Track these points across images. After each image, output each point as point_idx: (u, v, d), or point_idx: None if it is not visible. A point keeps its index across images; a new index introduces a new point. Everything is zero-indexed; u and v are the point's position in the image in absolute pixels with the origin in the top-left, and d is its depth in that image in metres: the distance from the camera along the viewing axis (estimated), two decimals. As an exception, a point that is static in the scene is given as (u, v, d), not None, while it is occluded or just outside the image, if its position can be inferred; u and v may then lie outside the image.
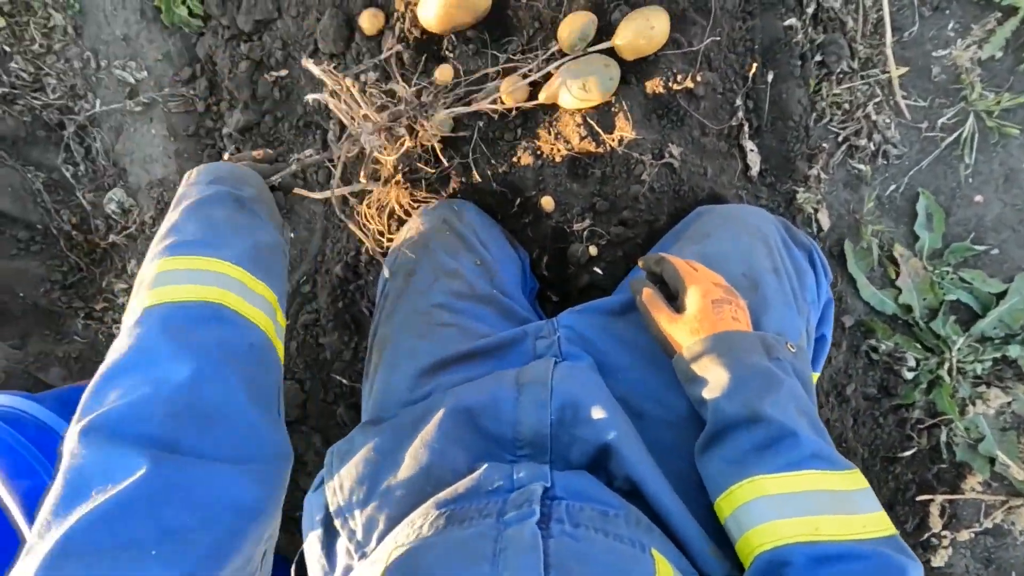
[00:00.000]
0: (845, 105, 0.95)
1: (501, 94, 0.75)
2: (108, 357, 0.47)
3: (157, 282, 0.51)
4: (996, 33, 0.92)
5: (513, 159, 0.81)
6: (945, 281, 0.96)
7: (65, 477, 0.41)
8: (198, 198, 0.58)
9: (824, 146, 0.95)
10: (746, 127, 0.88)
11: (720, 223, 0.71)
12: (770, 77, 0.89)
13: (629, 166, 0.77)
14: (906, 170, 0.97)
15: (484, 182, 0.82)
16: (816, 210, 0.96)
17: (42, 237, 1.13)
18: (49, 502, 0.40)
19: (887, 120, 0.95)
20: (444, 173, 0.83)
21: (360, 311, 1.00)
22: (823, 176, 0.95)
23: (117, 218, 1.14)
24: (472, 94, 0.78)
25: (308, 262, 1.03)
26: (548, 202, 0.81)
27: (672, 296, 0.61)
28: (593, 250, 0.81)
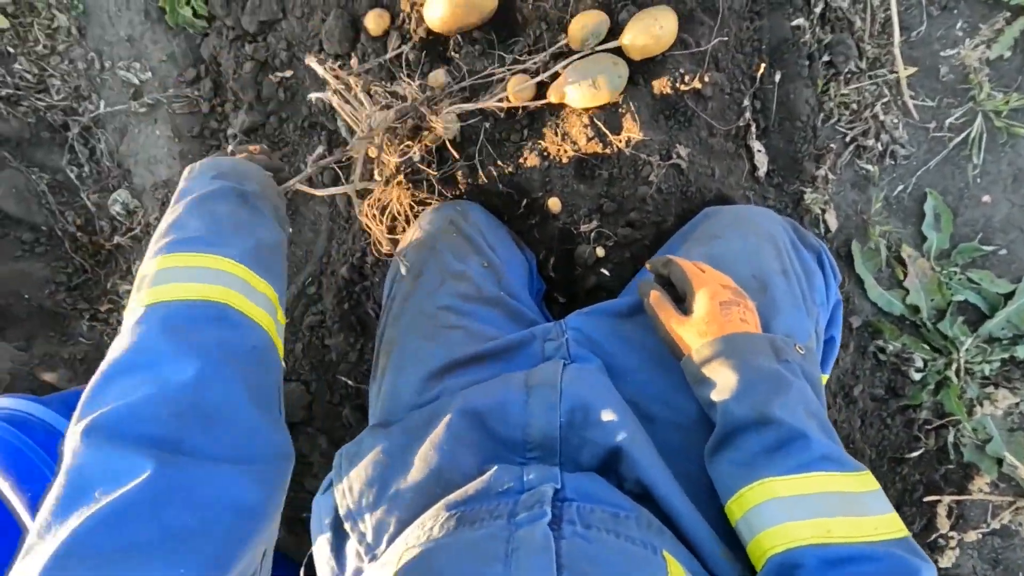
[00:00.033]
0: (853, 105, 0.95)
1: (508, 93, 0.75)
2: (109, 355, 0.47)
3: (159, 279, 0.50)
4: (1005, 33, 0.91)
5: (520, 160, 0.81)
6: (953, 282, 0.96)
7: (67, 477, 0.40)
8: (201, 193, 0.58)
9: (832, 146, 0.95)
10: (753, 127, 0.87)
11: (728, 224, 0.70)
12: (777, 77, 0.89)
13: (636, 167, 0.77)
14: (914, 170, 0.97)
15: (490, 183, 0.82)
16: (823, 211, 0.95)
17: (47, 239, 1.13)
18: (50, 502, 0.40)
19: (895, 120, 0.95)
20: (449, 174, 0.83)
21: (366, 312, 0.99)
22: (830, 176, 0.94)
23: (122, 219, 1.14)
24: (479, 94, 0.77)
25: (313, 263, 1.03)
26: (555, 203, 0.80)
27: (680, 298, 0.60)
28: (600, 251, 0.80)
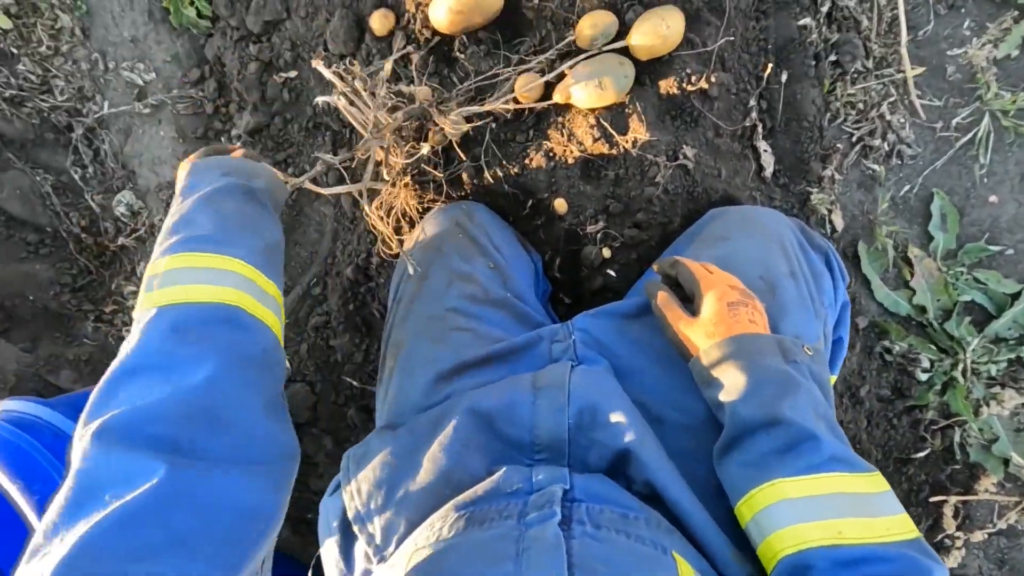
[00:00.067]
0: (859, 105, 0.95)
1: (515, 93, 0.75)
2: (120, 356, 0.47)
3: (170, 280, 0.50)
4: (1012, 32, 0.91)
5: (525, 161, 0.80)
6: (959, 282, 0.96)
7: (76, 480, 0.40)
8: (209, 189, 0.57)
9: (838, 146, 0.94)
10: (760, 128, 0.87)
11: (735, 226, 0.70)
12: (784, 77, 0.88)
13: (643, 168, 0.77)
14: (920, 170, 0.97)
15: (496, 183, 0.82)
16: (830, 211, 0.95)
17: (51, 240, 1.13)
18: (58, 504, 0.39)
19: (901, 120, 0.94)
20: (455, 175, 0.83)
21: (371, 313, 0.99)
22: (837, 177, 0.94)
23: (126, 220, 1.14)
24: (484, 95, 0.77)
25: (318, 264, 1.03)
26: (561, 204, 0.80)
27: (687, 299, 0.60)
28: (606, 252, 0.80)
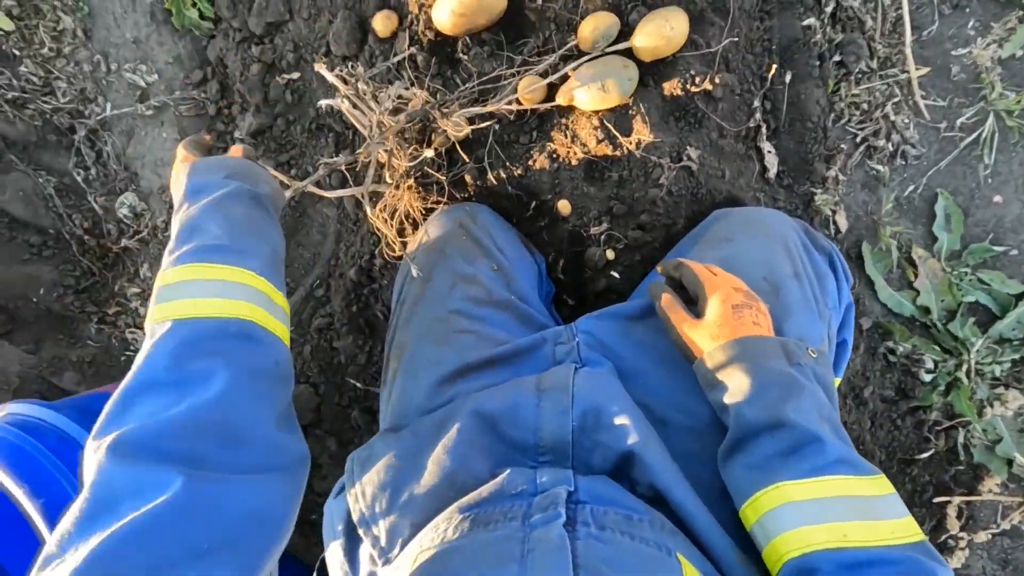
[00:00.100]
0: (863, 105, 0.94)
1: (519, 95, 0.75)
2: (133, 369, 0.47)
3: (182, 292, 0.51)
4: (1017, 31, 0.90)
5: (529, 162, 0.80)
6: (963, 282, 0.95)
7: (91, 492, 0.41)
8: (219, 194, 0.57)
9: (842, 147, 0.94)
10: (764, 129, 0.87)
11: (739, 227, 0.70)
12: (788, 78, 0.88)
13: (647, 169, 0.77)
14: (924, 171, 0.96)
15: (499, 185, 0.82)
16: (834, 212, 0.95)
17: (54, 242, 1.13)
18: (72, 515, 0.40)
19: (906, 120, 0.94)
20: (458, 176, 0.83)
21: (374, 315, 0.99)
22: (841, 177, 0.94)
23: (129, 222, 1.14)
24: (487, 96, 0.77)
25: (322, 266, 1.03)
26: (564, 206, 0.80)
27: (691, 301, 0.60)
28: (610, 254, 0.80)
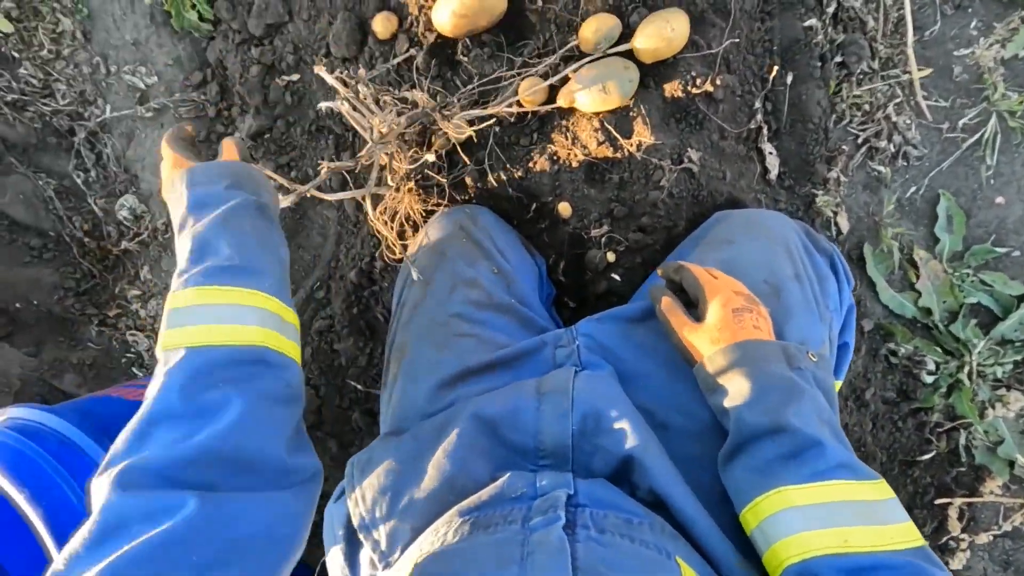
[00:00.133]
0: (865, 106, 0.94)
1: (519, 97, 0.74)
2: (149, 399, 0.47)
3: (195, 318, 0.50)
4: (1020, 31, 0.90)
5: (529, 164, 0.80)
6: (965, 284, 0.95)
7: (102, 515, 0.41)
8: (223, 209, 0.56)
9: (843, 148, 0.94)
10: (765, 130, 0.86)
11: (740, 229, 0.70)
12: (789, 79, 0.88)
13: (647, 171, 0.76)
14: (926, 172, 0.96)
15: (500, 187, 0.81)
16: (835, 213, 0.94)
17: (55, 244, 1.13)
18: (82, 537, 0.40)
19: (907, 121, 0.94)
20: (459, 178, 0.82)
21: (375, 317, 0.99)
22: (842, 179, 0.94)
23: (129, 225, 1.14)
24: (488, 98, 0.77)
25: (322, 268, 1.03)
26: (565, 208, 0.80)
27: (692, 303, 0.60)
28: (611, 256, 0.80)
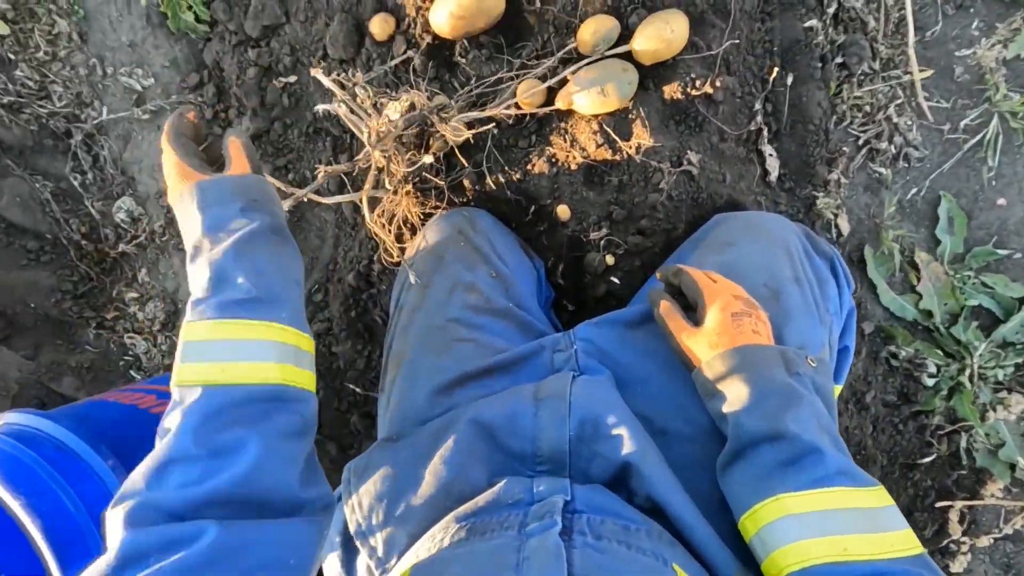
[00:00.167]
0: (866, 107, 0.93)
1: (517, 99, 0.74)
2: (167, 439, 0.46)
3: (214, 353, 0.49)
4: (1022, 32, 0.89)
5: (528, 167, 0.80)
6: (967, 286, 0.95)
7: (120, 548, 0.41)
8: (240, 236, 0.53)
9: (844, 150, 0.93)
10: (765, 132, 0.86)
11: (740, 231, 0.69)
12: (790, 80, 0.87)
13: (647, 174, 0.76)
14: (928, 173, 0.96)
15: (498, 190, 0.81)
16: (836, 215, 0.94)
17: (52, 247, 1.12)
18: (99, 569, 0.39)
19: (909, 122, 0.93)
20: (457, 181, 0.82)
21: (373, 320, 0.99)
22: (843, 180, 0.93)
23: (126, 227, 1.13)
24: (486, 100, 0.76)
25: (320, 270, 1.02)
26: (564, 210, 0.79)
27: (691, 307, 0.60)
28: (610, 259, 0.79)
